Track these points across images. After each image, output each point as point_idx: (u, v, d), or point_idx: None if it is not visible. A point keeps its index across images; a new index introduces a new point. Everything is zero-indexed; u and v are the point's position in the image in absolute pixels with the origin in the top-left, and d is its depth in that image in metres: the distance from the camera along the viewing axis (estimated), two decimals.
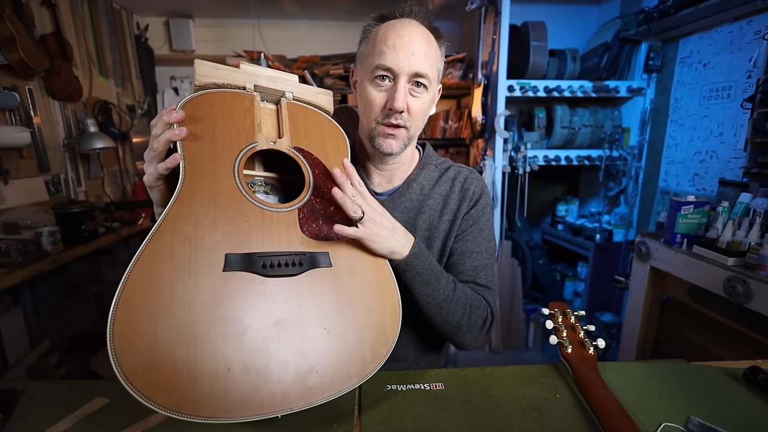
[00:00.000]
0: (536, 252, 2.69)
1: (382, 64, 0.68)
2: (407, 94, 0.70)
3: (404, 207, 0.80)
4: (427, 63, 0.70)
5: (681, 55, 2.13)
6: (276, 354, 0.50)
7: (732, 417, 0.58)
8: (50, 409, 0.62)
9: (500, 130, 2.21)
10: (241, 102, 0.64)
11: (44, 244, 1.62)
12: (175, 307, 0.47)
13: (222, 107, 0.62)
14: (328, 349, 0.53)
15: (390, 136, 0.72)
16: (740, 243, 1.32)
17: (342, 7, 2.76)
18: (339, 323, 0.55)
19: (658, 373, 0.70)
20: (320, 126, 0.70)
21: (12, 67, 1.73)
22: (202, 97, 0.61)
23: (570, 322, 0.73)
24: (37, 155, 1.95)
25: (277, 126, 0.67)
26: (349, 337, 0.55)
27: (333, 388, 0.51)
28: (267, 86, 0.67)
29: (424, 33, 0.70)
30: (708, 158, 1.98)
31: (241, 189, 0.57)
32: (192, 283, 0.49)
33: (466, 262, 0.79)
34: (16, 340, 1.61)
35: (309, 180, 0.64)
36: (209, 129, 0.59)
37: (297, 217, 0.60)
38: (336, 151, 0.69)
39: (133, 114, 2.78)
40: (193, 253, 0.51)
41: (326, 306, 0.56)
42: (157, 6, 2.76)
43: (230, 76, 0.64)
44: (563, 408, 0.61)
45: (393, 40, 0.68)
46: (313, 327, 0.53)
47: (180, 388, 0.45)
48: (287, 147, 0.65)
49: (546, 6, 2.62)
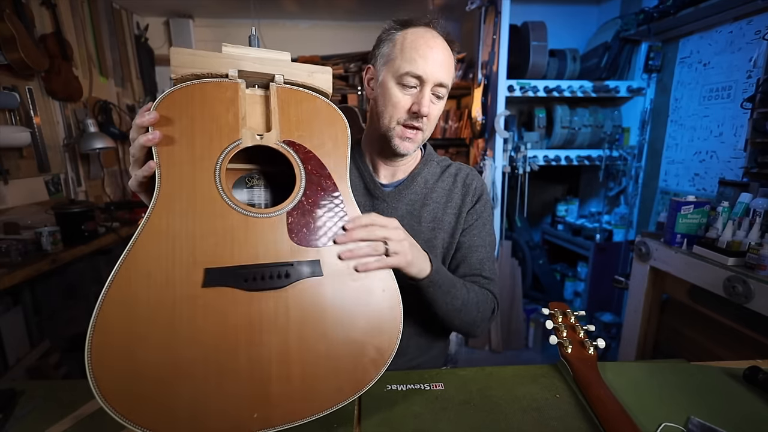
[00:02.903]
0: (536, 252, 2.69)
1: (413, 71, 0.72)
2: (430, 101, 0.75)
3: (409, 199, 0.84)
4: (449, 74, 0.76)
5: (681, 55, 2.13)
6: (261, 373, 0.48)
7: (732, 417, 0.58)
8: (50, 409, 0.62)
9: (500, 130, 2.21)
10: (224, 93, 0.56)
11: (44, 244, 1.62)
12: (153, 330, 0.46)
13: (201, 101, 0.55)
14: (322, 364, 0.51)
15: (407, 139, 0.77)
16: (740, 243, 1.32)
17: (342, 7, 2.76)
18: (332, 337, 0.52)
19: (658, 373, 0.70)
20: (316, 112, 0.62)
21: (12, 67, 1.73)
22: (178, 92, 0.55)
23: (570, 322, 0.73)
24: (37, 155, 1.95)
25: (266, 115, 0.59)
26: (344, 350, 0.53)
27: (328, 402, 0.50)
28: (253, 70, 0.58)
29: (446, 45, 0.76)
30: (708, 158, 1.98)
31: (222, 195, 0.53)
32: (170, 302, 0.47)
33: (473, 255, 0.83)
34: (16, 340, 1.61)
35: (301, 178, 0.58)
36: (187, 128, 0.53)
37: (286, 222, 0.55)
38: (334, 141, 0.61)
39: (133, 114, 2.78)
40: (170, 270, 0.48)
41: (317, 319, 0.53)
42: (157, 6, 2.76)
43: (210, 62, 0.56)
44: (563, 408, 0.60)
45: (425, 50, 0.73)
46: (303, 342, 0.51)
47: (161, 411, 0.45)
48: (276, 141, 0.58)
49: (546, 6, 2.62)
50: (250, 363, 0.48)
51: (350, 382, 0.52)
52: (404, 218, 0.83)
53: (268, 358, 0.49)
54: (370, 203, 0.84)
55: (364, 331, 0.55)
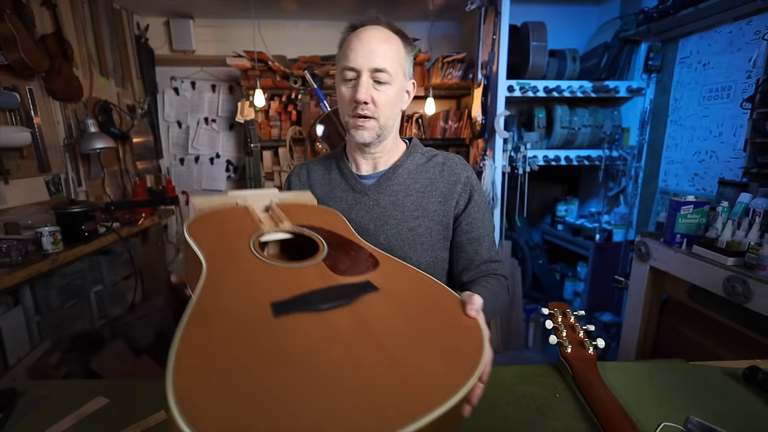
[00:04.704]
0: (536, 252, 2.70)
1: (347, 64, 0.78)
2: (370, 88, 0.78)
3: (391, 190, 0.87)
4: (386, 59, 0.78)
5: (681, 56, 2.13)
6: (370, 373, 0.43)
7: (731, 417, 0.58)
8: (50, 409, 0.62)
9: (500, 130, 2.21)
10: (238, 211, 0.72)
11: (44, 244, 1.62)
12: (238, 371, 0.41)
13: (223, 217, 0.70)
14: (423, 350, 0.47)
15: (360, 127, 0.81)
16: (740, 243, 1.32)
17: (342, 7, 2.76)
18: (417, 339, 0.49)
19: (658, 373, 0.71)
20: (312, 210, 0.78)
21: (12, 67, 1.73)
22: (203, 216, 0.68)
23: (570, 322, 0.73)
24: (37, 155, 1.95)
25: (274, 220, 0.72)
26: (433, 352, 0.48)
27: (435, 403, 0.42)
28: (253, 201, 0.76)
29: (383, 33, 0.79)
30: (708, 158, 1.98)
31: (263, 258, 0.59)
32: (248, 339, 0.44)
33: (483, 244, 0.89)
34: (16, 340, 1.61)
35: (320, 240, 0.66)
36: (218, 232, 0.65)
37: (325, 265, 0.60)
38: (335, 222, 0.75)
39: (134, 114, 2.78)
40: (240, 312, 0.48)
41: (397, 323, 0.51)
42: (157, 6, 2.76)
43: (221, 200, 0.74)
44: (563, 408, 0.61)
45: (355, 43, 0.78)
46: (395, 334, 0.48)
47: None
48: (290, 228, 0.69)
49: (546, 6, 2.62)
50: (355, 368, 0.43)
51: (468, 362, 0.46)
52: (387, 209, 0.86)
53: (370, 359, 0.45)
54: (353, 197, 0.88)
55: (444, 323, 0.53)
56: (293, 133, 2.81)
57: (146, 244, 2.70)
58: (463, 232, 0.88)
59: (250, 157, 2.87)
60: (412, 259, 0.85)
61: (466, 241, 0.89)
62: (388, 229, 0.86)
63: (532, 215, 2.93)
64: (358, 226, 0.85)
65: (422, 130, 2.96)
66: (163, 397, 0.36)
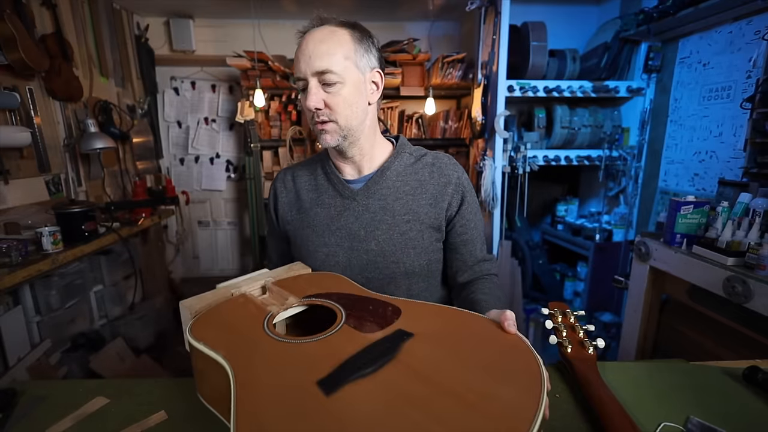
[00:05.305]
0: (536, 252, 2.69)
1: (295, 74, 0.78)
2: (320, 92, 0.75)
3: (380, 194, 0.84)
4: (328, 59, 0.74)
5: (681, 56, 2.13)
6: (447, 415, 0.42)
7: (731, 417, 0.58)
8: (50, 409, 0.62)
9: (500, 131, 2.21)
10: (237, 301, 0.68)
11: (44, 244, 1.62)
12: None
13: (225, 311, 0.64)
14: (492, 396, 0.45)
15: (322, 131, 0.79)
16: (740, 243, 1.32)
17: (342, 7, 2.76)
18: (475, 371, 0.48)
19: (658, 372, 0.71)
20: (311, 278, 0.77)
21: (12, 67, 1.73)
22: (202, 317, 0.63)
23: (570, 322, 0.73)
24: (37, 155, 1.95)
25: (279, 301, 0.69)
26: (495, 378, 0.47)
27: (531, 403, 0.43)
28: (247, 287, 0.73)
29: (322, 32, 0.76)
30: (708, 158, 1.98)
31: (285, 340, 0.56)
32: (310, 427, 0.41)
33: (477, 245, 0.89)
34: (16, 340, 1.61)
35: (334, 305, 0.65)
36: (225, 328, 0.60)
37: (350, 328, 0.58)
38: (338, 282, 0.74)
39: (134, 114, 2.79)
40: (287, 407, 0.44)
41: (448, 362, 0.49)
42: (157, 6, 2.76)
43: (213, 296, 0.69)
44: (563, 408, 0.61)
45: (297, 53, 0.77)
46: (459, 387, 0.45)
47: None
48: (299, 301, 0.67)
49: (546, 6, 2.62)
50: (435, 420, 0.41)
51: (530, 378, 0.47)
52: (377, 214, 0.84)
53: (443, 406, 0.44)
54: (341, 203, 0.85)
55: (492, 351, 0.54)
56: (293, 133, 2.81)
57: (146, 244, 2.70)
58: (457, 234, 0.87)
59: (250, 157, 2.87)
60: (406, 263, 0.83)
61: (461, 243, 0.88)
62: (379, 234, 0.83)
63: (532, 215, 2.93)
64: (348, 232, 0.84)
65: (422, 130, 2.96)
66: (163, 397, 0.36)
